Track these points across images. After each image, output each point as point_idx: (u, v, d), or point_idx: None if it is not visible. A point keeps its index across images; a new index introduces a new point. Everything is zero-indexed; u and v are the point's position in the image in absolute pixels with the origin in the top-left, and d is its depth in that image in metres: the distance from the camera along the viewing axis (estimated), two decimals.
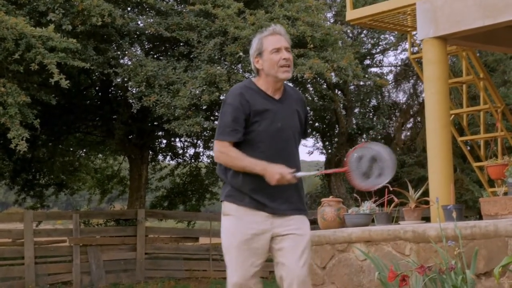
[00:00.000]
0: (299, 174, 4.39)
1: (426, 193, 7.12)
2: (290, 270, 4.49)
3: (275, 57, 4.52)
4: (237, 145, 4.45)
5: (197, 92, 12.41)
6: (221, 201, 4.58)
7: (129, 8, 14.22)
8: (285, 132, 4.54)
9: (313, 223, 18.40)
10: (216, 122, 15.03)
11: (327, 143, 20.89)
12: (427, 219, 7.32)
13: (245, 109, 4.44)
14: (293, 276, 4.48)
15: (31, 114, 11.44)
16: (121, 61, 13.87)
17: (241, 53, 12.90)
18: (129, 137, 16.92)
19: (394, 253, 6.08)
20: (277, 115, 4.51)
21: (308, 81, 15.32)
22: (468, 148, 12.31)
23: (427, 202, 6.99)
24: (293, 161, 4.52)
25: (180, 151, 19.38)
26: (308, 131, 4.81)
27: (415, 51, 10.54)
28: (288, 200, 4.53)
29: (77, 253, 14.43)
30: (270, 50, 4.53)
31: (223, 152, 4.44)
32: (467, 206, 16.75)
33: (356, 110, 20.65)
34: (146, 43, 14.88)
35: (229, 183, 4.51)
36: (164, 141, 18.95)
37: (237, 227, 4.48)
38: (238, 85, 4.63)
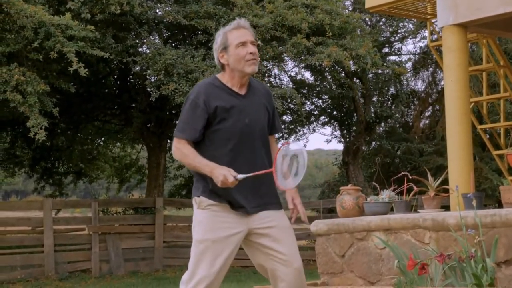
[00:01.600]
0: (241, 176, 4.29)
1: (445, 181, 7.07)
2: (287, 260, 4.43)
3: (241, 51, 4.42)
4: (204, 143, 4.39)
5: None
6: (195, 197, 4.44)
7: None
8: (253, 128, 4.44)
9: (332, 212, 18.42)
10: None
11: (345, 131, 20.86)
12: (446, 207, 7.29)
13: (208, 107, 4.34)
14: (293, 267, 4.43)
15: (50, 103, 11.48)
16: (140, 49, 13.89)
17: (259, 42, 12.88)
18: (147, 125, 16.96)
19: (413, 242, 6.06)
20: (244, 111, 4.41)
21: (327, 69, 15.29)
22: (488, 136, 12.23)
23: (446, 191, 6.96)
24: (260, 157, 4.45)
25: None
26: (278, 125, 4.65)
27: (434, 38, 10.48)
28: (261, 197, 4.44)
29: (96, 241, 14.51)
30: (235, 44, 4.44)
31: (178, 148, 4.37)
32: (486, 194, 16.68)
33: (375, 99, 20.60)
34: (165, 32, 14.89)
35: (203, 179, 4.40)
36: None
37: (214, 222, 4.36)
38: (202, 82, 4.54)
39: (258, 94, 4.56)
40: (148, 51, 13.43)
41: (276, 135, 4.81)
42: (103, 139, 20.82)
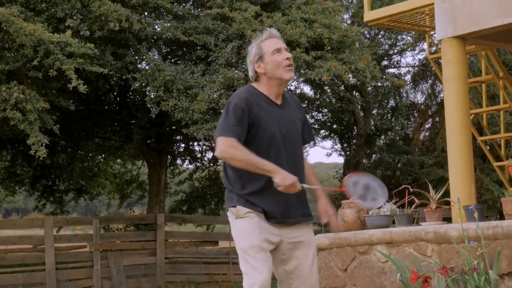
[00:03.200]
0: (305, 186, 4.33)
1: (446, 193, 7.07)
2: (304, 279, 4.48)
3: (278, 57, 4.46)
4: None
5: (215, 96, 12.42)
6: (231, 207, 4.42)
7: (146, 13, 14.25)
8: (290, 138, 4.49)
9: None
10: None
11: (345, 144, 20.86)
12: (448, 219, 7.28)
13: (250, 113, 4.35)
14: (308, 285, 4.50)
15: (50, 120, 11.48)
16: (139, 66, 13.90)
17: None
18: (148, 141, 16.95)
19: (415, 255, 6.04)
20: (281, 120, 4.45)
21: (326, 83, 15.29)
22: (488, 147, 12.23)
23: (448, 203, 6.96)
24: (300, 168, 4.49)
25: (199, 155, 19.39)
26: (309, 135, 4.73)
27: (433, 51, 10.50)
28: (294, 207, 4.46)
29: (97, 259, 14.47)
30: (271, 52, 4.46)
31: (232, 145, 4.28)
32: (487, 206, 16.65)
33: (374, 111, 20.61)
34: (164, 48, 14.91)
35: (236, 189, 4.40)
36: (183, 145, 18.96)
37: (257, 227, 4.35)
38: (242, 89, 4.54)
39: (292, 105, 4.61)
40: (147, 68, 13.44)
41: (307, 146, 4.89)
42: (103, 155, 20.80)
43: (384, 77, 16.12)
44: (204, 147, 19.24)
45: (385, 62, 20.32)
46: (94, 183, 21.07)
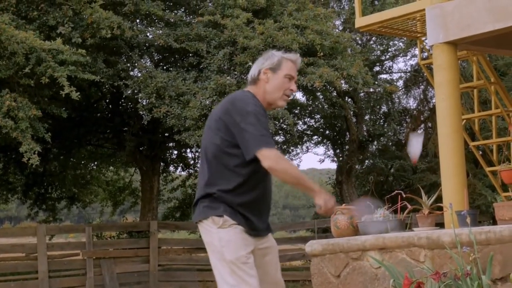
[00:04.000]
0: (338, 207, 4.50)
1: (439, 199, 7.08)
2: (275, 283, 4.58)
3: (286, 83, 4.45)
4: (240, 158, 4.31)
5: (207, 102, 12.43)
6: (216, 216, 4.34)
7: (138, 20, 14.27)
8: None
9: (327, 231, 18.38)
10: None
11: (338, 150, 20.87)
12: (441, 225, 7.28)
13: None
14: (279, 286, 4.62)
15: (42, 128, 11.47)
16: (131, 73, 13.91)
17: (250, 63, 12.90)
18: (140, 148, 16.94)
19: (408, 260, 6.04)
20: None
21: (318, 89, 15.31)
22: (480, 152, 12.27)
23: (440, 208, 6.96)
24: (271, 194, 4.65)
25: (191, 162, 19.38)
26: None
27: (425, 56, 10.53)
28: (265, 221, 4.53)
29: (90, 266, 14.44)
30: (285, 74, 4.45)
31: (283, 158, 4.25)
32: (480, 211, 16.69)
33: (367, 117, 20.63)
34: (156, 55, 14.92)
35: (223, 199, 4.35)
36: (175, 152, 18.96)
37: (242, 238, 4.34)
38: (247, 93, 4.46)
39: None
40: (139, 75, 13.45)
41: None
42: (96, 163, 20.79)
43: (376, 83, 16.15)
44: (197, 153, 19.24)
45: (377, 68, 20.35)
46: (86, 191, 21.06)
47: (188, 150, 18.82)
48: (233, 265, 4.29)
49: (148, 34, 14.07)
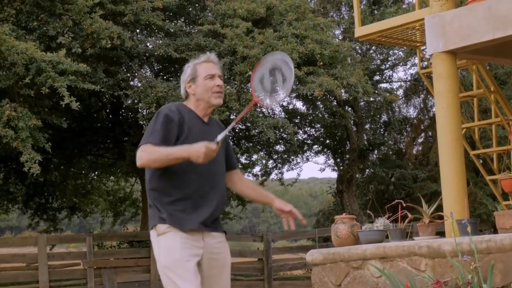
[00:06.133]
0: (219, 137, 4.31)
1: (440, 207, 7.07)
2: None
3: (209, 83, 4.56)
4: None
5: None
6: (154, 226, 4.44)
7: (138, 30, 14.29)
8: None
9: (327, 240, 18.36)
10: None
11: (338, 159, 20.87)
12: (441, 234, 7.28)
13: (181, 124, 4.43)
14: None
15: (42, 138, 11.48)
16: (131, 83, 13.92)
17: (250, 72, 12.92)
18: None
19: (409, 269, 6.04)
20: (206, 136, 4.44)
21: (318, 98, 15.33)
22: (481, 161, 12.25)
23: (441, 217, 6.95)
24: (221, 186, 4.58)
25: None
26: (234, 161, 4.82)
27: (424, 65, 10.54)
28: (207, 218, 4.48)
29: (91, 276, 14.42)
30: (204, 76, 4.56)
31: (144, 149, 4.36)
32: (481, 220, 16.68)
33: (367, 126, 20.65)
34: (156, 65, 14.93)
35: (157, 207, 4.43)
36: None
37: (182, 242, 4.37)
38: (172, 103, 4.62)
39: (216, 125, 4.70)
40: (139, 84, 13.46)
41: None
42: (96, 173, 20.79)
43: (376, 92, 16.17)
44: None
45: (377, 77, 20.38)
46: (87, 201, 21.04)
47: None
48: (175, 267, 4.36)
49: (148, 44, 14.08)
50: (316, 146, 20.80)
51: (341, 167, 20.46)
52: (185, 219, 4.40)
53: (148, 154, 4.35)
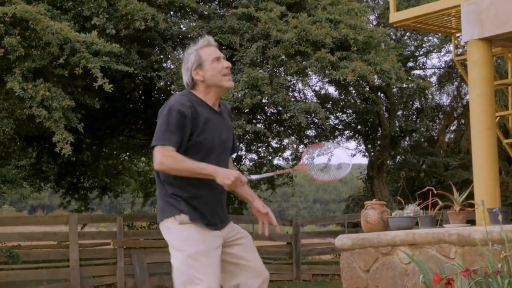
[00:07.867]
0: (254, 177, 4.35)
1: (471, 196, 7.04)
2: (257, 271, 4.55)
3: (217, 66, 4.49)
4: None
5: (239, 95, 12.44)
6: (176, 215, 4.40)
7: (171, 12, 14.30)
8: (226, 145, 4.52)
9: (357, 226, 18.38)
10: (258, 125, 15.05)
11: (369, 146, 20.80)
12: (472, 222, 7.25)
13: (194, 120, 4.34)
14: (263, 277, 4.56)
15: (75, 118, 11.55)
16: (164, 64, 13.95)
17: (283, 57, 12.90)
18: None
19: (438, 257, 6.02)
20: (220, 127, 4.45)
21: (351, 83, 15.27)
22: None
23: (472, 205, 6.92)
24: None
25: None
26: (236, 145, 4.81)
27: (459, 53, 10.45)
28: (218, 214, 4.51)
29: (121, 256, 14.54)
30: (211, 60, 4.50)
31: (169, 155, 4.24)
32: None
33: (399, 113, 20.55)
34: (189, 47, 14.94)
35: (178, 198, 4.39)
36: None
37: (202, 233, 4.37)
38: (182, 94, 4.52)
39: (226, 112, 4.64)
40: (172, 66, 13.48)
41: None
42: (128, 154, 20.91)
43: (409, 78, 16.05)
44: None
45: (410, 64, 20.25)
46: (118, 181, 21.19)
47: None
48: (194, 259, 4.35)
49: (181, 26, 14.10)
50: (347, 131, 20.74)
51: (372, 153, 20.39)
52: (202, 216, 4.41)
53: (173, 162, 4.27)
